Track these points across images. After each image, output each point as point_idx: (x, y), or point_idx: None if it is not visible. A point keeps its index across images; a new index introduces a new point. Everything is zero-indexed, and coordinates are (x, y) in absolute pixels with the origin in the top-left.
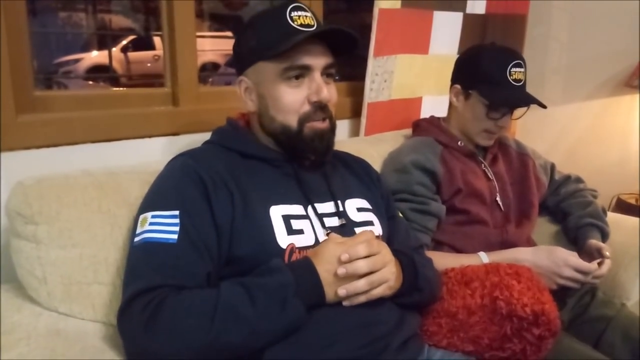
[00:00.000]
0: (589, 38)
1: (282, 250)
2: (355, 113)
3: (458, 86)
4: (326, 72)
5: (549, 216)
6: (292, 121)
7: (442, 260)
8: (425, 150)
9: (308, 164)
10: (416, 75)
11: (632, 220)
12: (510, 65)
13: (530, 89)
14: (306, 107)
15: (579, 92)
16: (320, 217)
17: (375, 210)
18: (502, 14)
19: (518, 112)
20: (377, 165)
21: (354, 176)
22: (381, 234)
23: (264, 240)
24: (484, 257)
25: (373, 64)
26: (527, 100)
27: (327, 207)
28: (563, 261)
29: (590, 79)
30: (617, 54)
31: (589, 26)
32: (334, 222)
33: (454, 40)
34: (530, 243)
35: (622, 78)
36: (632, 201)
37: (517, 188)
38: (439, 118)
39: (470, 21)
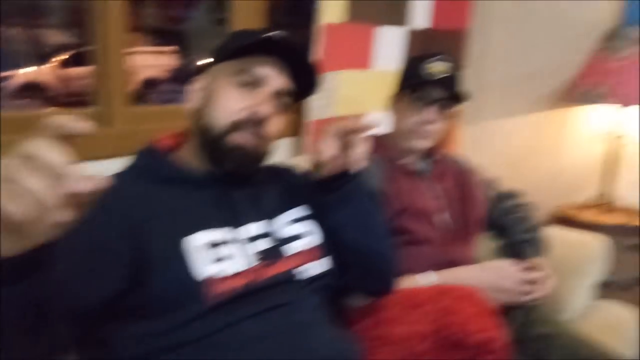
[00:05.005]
0: (528, 54)
1: (198, 283)
2: (296, 131)
3: (393, 94)
4: (280, 99)
5: (491, 232)
6: (222, 124)
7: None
8: (371, 168)
9: (224, 177)
10: (361, 91)
11: (569, 233)
12: (428, 59)
13: (473, 103)
14: (241, 115)
15: (520, 106)
16: (250, 239)
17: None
18: (445, 29)
19: (444, 111)
20: None
21: (287, 186)
22: (319, 243)
23: (176, 273)
24: (429, 278)
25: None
26: (430, 84)
27: (257, 227)
28: (507, 274)
29: (530, 92)
30: (554, 69)
31: (527, 42)
32: (264, 244)
33: (398, 55)
34: (474, 260)
35: (561, 91)
36: (571, 214)
37: (461, 205)
38: (383, 135)
39: (414, 36)
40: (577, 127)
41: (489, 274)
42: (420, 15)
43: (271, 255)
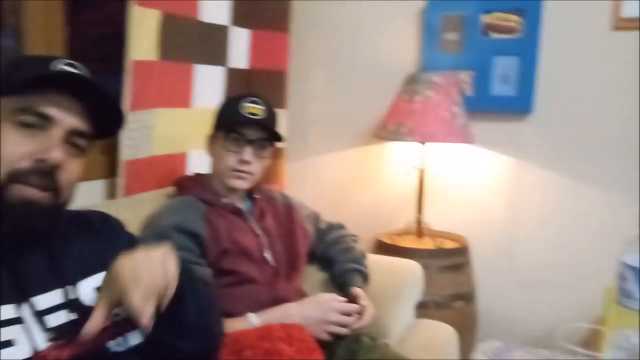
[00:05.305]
0: (345, 94)
1: None
2: (110, 172)
3: (209, 134)
4: (74, 141)
5: (318, 264)
6: None
7: None
8: (187, 211)
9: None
10: (179, 129)
11: (389, 259)
12: (242, 100)
13: (297, 141)
14: (24, 164)
15: (341, 142)
16: (41, 315)
17: None
18: (264, 69)
19: (261, 151)
20: (135, 230)
21: (97, 241)
22: None
23: None
24: (254, 319)
25: (129, 119)
26: (245, 124)
27: (52, 298)
28: (329, 307)
29: (349, 129)
30: (369, 108)
31: (343, 84)
32: (61, 318)
33: (218, 93)
34: (301, 295)
35: (373, 129)
36: (390, 241)
37: (285, 241)
38: (203, 174)
39: (234, 75)
40: (392, 161)
41: (312, 309)
42: (239, 55)
43: (71, 331)
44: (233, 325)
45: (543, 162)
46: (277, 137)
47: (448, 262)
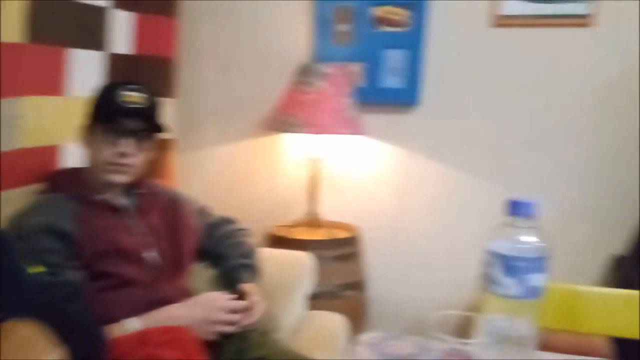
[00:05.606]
0: (237, 83)
1: None
2: None
3: (85, 125)
4: None
5: (207, 261)
6: None
7: None
8: (55, 209)
9: None
10: (51, 119)
11: (281, 252)
12: (121, 88)
13: (187, 131)
14: None
15: (234, 133)
16: None
17: None
18: (150, 56)
19: (142, 143)
20: None
21: None
22: None
23: None
24: (133, 324)
25: None
26: (125, 114)
27: None
28: (215, 306)
29: (242, 120)
30: (262, 98)
31: (235, 73)
32: None
33: (98, 81)
34: (186, 295)
35: (267, 119)
36: (283, 233)
37: (170, 239)
38: (77, 169)
39: (116, 61)
40: (286, 152)
41: (198, 309)
42: (122, 39)
43: None
44: (110, 333)
45: (430, 153)
46: (159, 128)
47: (339, 252)
